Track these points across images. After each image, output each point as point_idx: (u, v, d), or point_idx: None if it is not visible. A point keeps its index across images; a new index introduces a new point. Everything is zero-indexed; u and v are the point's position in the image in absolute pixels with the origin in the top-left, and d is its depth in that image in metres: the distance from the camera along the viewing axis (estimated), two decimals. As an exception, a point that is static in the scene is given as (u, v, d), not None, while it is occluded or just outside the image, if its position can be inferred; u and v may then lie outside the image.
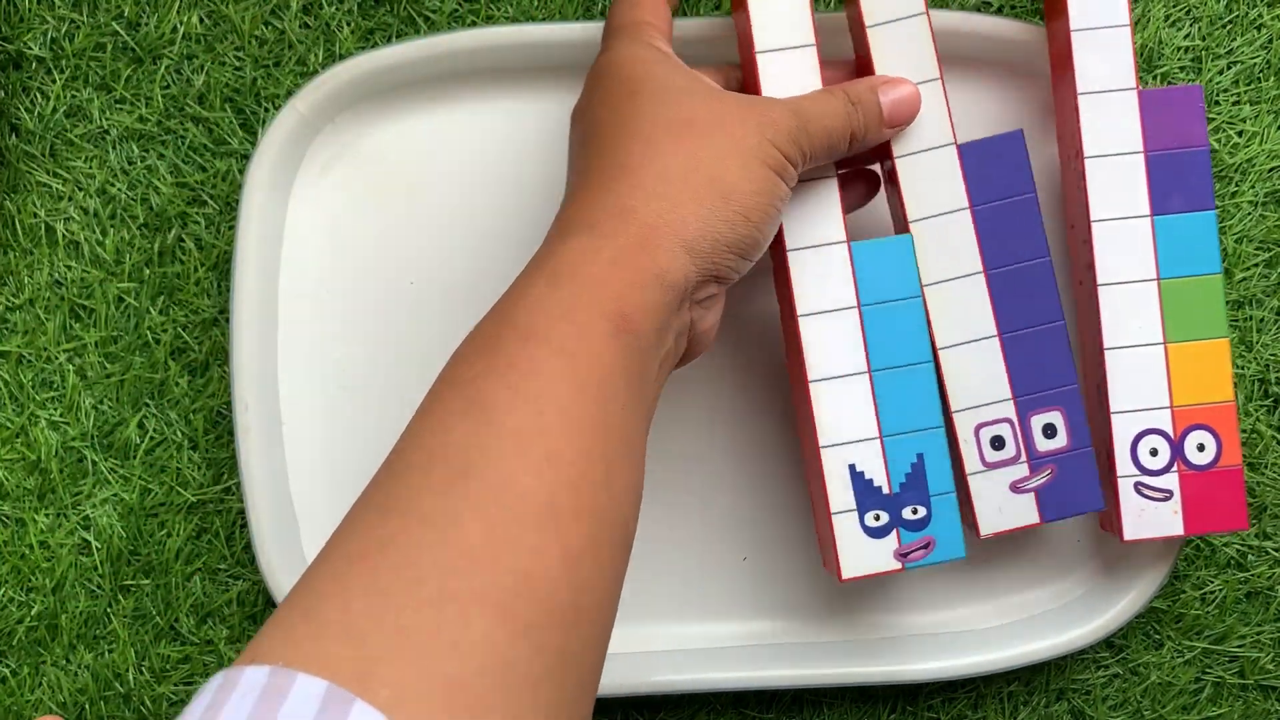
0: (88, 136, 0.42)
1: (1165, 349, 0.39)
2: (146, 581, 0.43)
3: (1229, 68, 0.43)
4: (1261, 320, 0.43)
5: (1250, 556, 0.43)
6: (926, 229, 0.38)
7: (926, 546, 0.38)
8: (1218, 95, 0.43)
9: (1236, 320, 0.43)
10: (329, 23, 0.42)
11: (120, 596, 0.43)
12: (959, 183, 0.38)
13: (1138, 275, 0.38)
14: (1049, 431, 0.39)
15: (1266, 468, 0.43)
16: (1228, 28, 0.42)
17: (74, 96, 0.42)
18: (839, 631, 0.42)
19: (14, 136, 0.42)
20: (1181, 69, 0.42)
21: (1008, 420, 0.38)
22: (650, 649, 0.42)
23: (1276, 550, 0.43)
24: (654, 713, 0.43)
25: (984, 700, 0.43)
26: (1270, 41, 0.42)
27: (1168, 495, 0.39)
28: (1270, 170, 0.43)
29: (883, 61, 0.37)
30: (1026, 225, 0.38)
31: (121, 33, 0.42)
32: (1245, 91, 0.42)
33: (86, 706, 0.43)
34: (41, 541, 0.43)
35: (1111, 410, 0.39)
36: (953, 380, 0.38)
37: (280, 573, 0.41)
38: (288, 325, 0.42)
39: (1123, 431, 0.39)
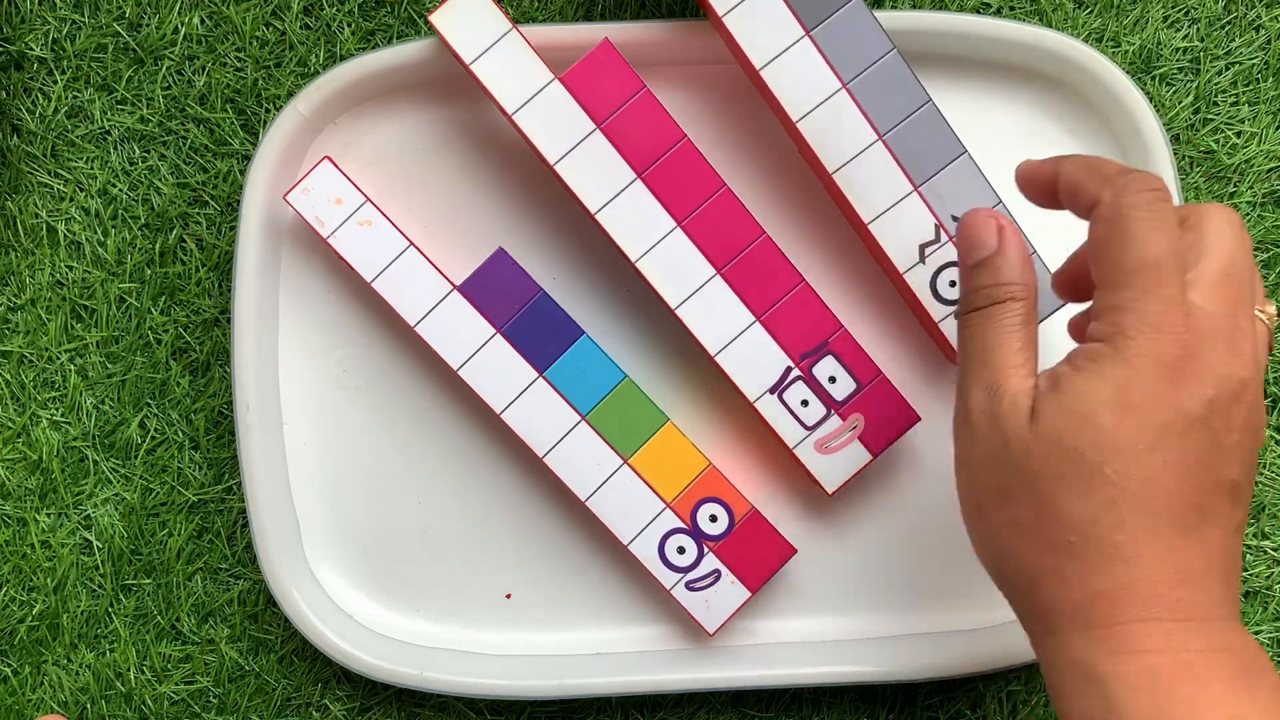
0: (89, 137, 0.42)
1: (629, 467, 0.40)
2: (148, 581, 0.43)
3: (1227, 69, 0.43)
4: (1260, 320, 0.43)
5: (1249, 556, 0.43)
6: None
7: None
8: (1216, 96, 0.43)
9: (1235, 320, 0.43)
10: (330, 24, 0.42)
11: (121, 596, 0.43)
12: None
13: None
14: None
15: (1265, 467, 0.43)
16: (1226, 29, 0.43)
17: (75, 97, 0.42)
18: (839, 630, 0.43)
19: (15, 137, 0.42)
20: (1180, 70, 0.43)
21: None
22: (646, 649, 0.42)
23: (1275, 550, 0.43)
24: (654, 712, 0.43)
25: (983, 700, 0.43)
26: (1269, 42, 0.43)
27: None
28: (1269, 171, 0.43)
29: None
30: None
31: (123, 34, 0.42)
32: (1244, 92, 0.43)
33: (88, 706, 0.43)
34: (43, 541, 0.43)
35: (625, 543, 0.40)
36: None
37: (281, 572, 0.41)
38: (288, 325, 0.42)
39: (645, 551, 0.40)
